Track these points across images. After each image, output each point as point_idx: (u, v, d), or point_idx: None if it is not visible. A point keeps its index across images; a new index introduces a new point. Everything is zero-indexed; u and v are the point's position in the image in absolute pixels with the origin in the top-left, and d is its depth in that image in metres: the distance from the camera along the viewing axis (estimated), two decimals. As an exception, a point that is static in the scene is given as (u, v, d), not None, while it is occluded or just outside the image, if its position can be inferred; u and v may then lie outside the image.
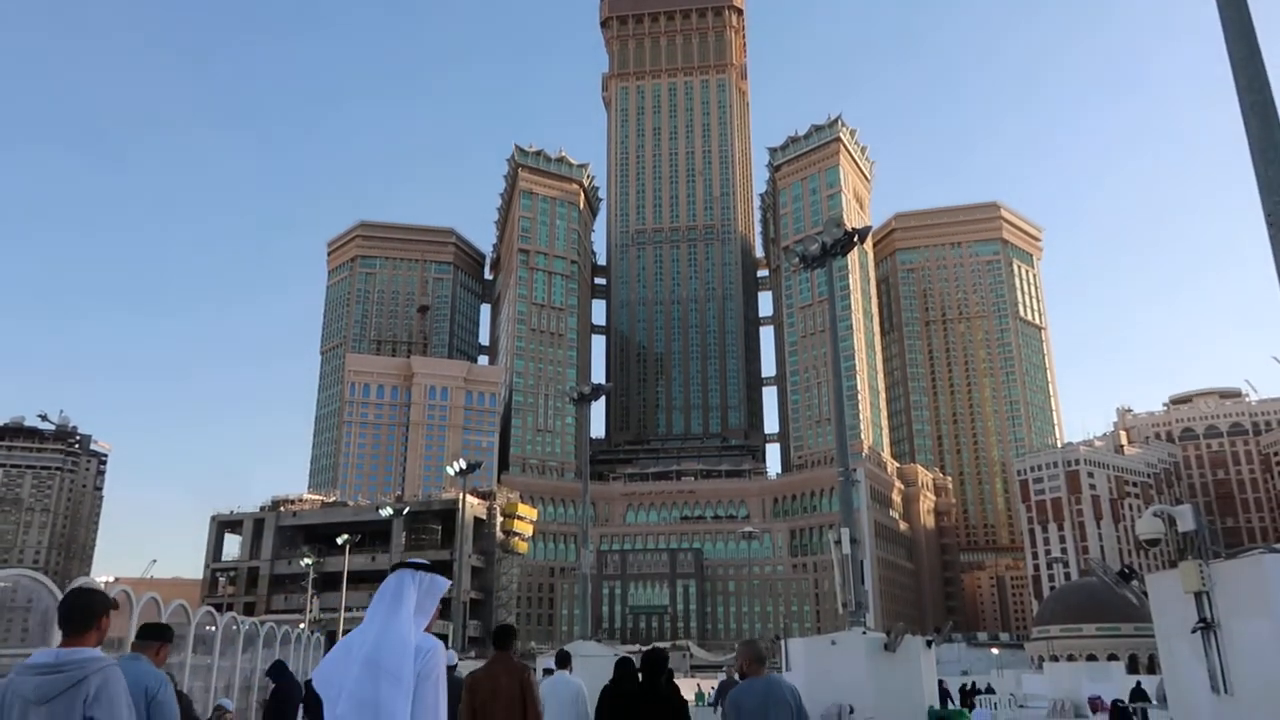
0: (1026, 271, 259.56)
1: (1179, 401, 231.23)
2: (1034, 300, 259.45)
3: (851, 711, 19.80)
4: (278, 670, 12.40)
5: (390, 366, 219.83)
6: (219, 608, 20.62)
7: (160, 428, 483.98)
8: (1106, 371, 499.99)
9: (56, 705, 4.08)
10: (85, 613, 4.41)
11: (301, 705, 13.82)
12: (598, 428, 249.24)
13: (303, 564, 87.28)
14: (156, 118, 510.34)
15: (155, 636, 6.52)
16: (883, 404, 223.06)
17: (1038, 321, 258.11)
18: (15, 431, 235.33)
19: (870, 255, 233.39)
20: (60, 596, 10.23)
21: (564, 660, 10.77)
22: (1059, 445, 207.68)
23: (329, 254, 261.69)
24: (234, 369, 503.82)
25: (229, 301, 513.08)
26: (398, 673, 4.12)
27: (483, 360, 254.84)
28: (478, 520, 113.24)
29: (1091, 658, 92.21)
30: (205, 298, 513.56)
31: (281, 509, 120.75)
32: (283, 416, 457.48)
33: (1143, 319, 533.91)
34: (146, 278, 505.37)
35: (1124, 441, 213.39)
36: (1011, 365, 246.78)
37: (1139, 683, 35.42)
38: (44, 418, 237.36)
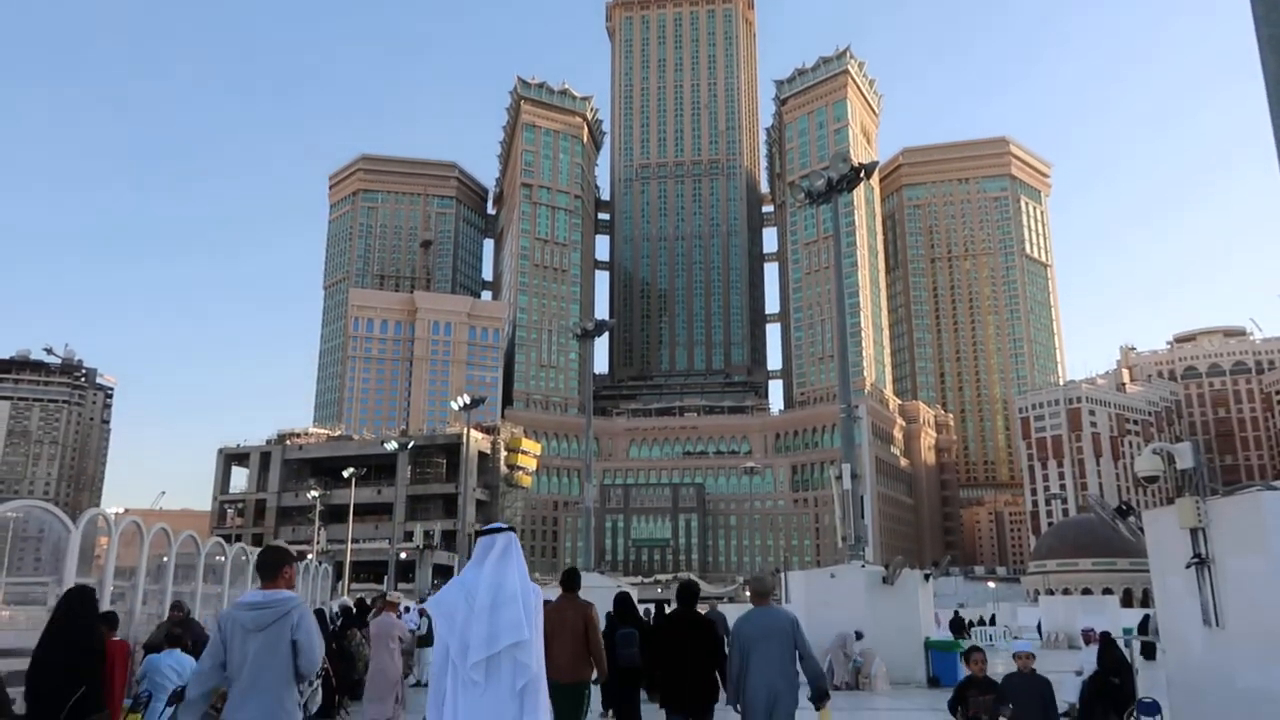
0: (1034, 208, 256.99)
1: (1183, 340, 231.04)
2: (1040, 238, 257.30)
3: (859, 637, 20.27)
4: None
5: (393, 301, 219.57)
6: (228, 539, 20.93)
7: (165, 362, 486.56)
8: (1112, 310, 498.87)
9: (270, 632, 5.44)
10: (274, 564, 5.83)
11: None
12: (601, 364, 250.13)
13: (309, 496, 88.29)
14: (156, 55, 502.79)
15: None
16: (886, 341, 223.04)
17: (1044, 259, 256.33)
18: (22, 365, 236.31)
19: (876, 191, 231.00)
20: (70, 527, 10.44)
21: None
22: (1061, 383, 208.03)
23: (330, 188, 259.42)
24: (237, 303, 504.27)
25: (231, 236, 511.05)
26: (533, 608, 5.35)
27: (486, 296, 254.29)
28: (482, 455, 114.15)
29: (1087, 592, 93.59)
30: (206, 232, 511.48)
31: (287, 442, 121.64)
32: (287, 351, 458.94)
33: (1150, 257, 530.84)
34: (147, 212, 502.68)
35: (1126, 379, 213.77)
36: (1016, 303, 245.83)
37: (1147, 616, 35.73)
38: (49, 351, 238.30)
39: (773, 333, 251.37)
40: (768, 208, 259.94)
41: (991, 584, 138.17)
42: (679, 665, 7.95)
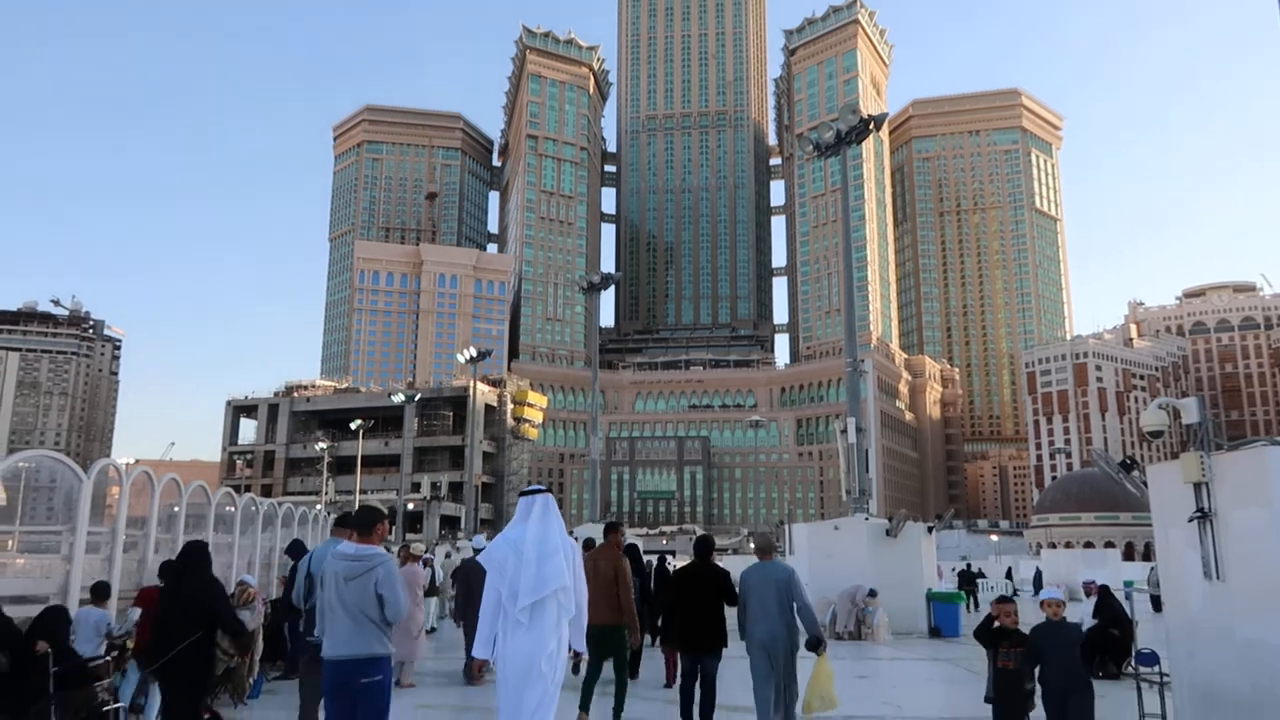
0: (1045, 161, 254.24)
1: (1192, 295, 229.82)
2: (1051, 191, 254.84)
3: (873, 595, 20.41)
4: (296, 549, 12.78)
5: (399, 254, 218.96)
6: (237, 489, 21.13)
7: (172, 315, 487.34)
8: (1122, 265, 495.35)
9: (357, 582, 6.13)
10: (369, 522, 6.48)
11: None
12: (607, 317, 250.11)
13: (317, 448, 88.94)
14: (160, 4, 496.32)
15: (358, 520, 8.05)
16: (893, 295, 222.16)
17: (1053, 213, 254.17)
18: (30, 316, 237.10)
19: (886, 143, 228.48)
20: (82, 477, 10.55)
21: (591, 544, 11.76)
22: (1068, 338, 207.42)
23: (335, 139, 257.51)
24: (242, 256, 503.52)
25: (236, 187, 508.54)
26: (572, 558, 6.41)
27: (492, 249, 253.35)
28: (489, 407, 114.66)
29: (1089, 545, 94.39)
30: (210, 184, 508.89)
31: (295, 394, 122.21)
32: (293, 304, 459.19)
33: (1162, 212, 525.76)
34: (154, 164, 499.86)
35: (1134, 335, 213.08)
36: (1025, 257, 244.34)
37: (1153, 568, 35.97)
38: (57, 303, 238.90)
39: (779, 286, 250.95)
40: (775, 160, 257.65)
41: (994, 537, 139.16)
42: (694, 612, 8.84)
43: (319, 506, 28.14)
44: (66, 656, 8.19)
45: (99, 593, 9.90)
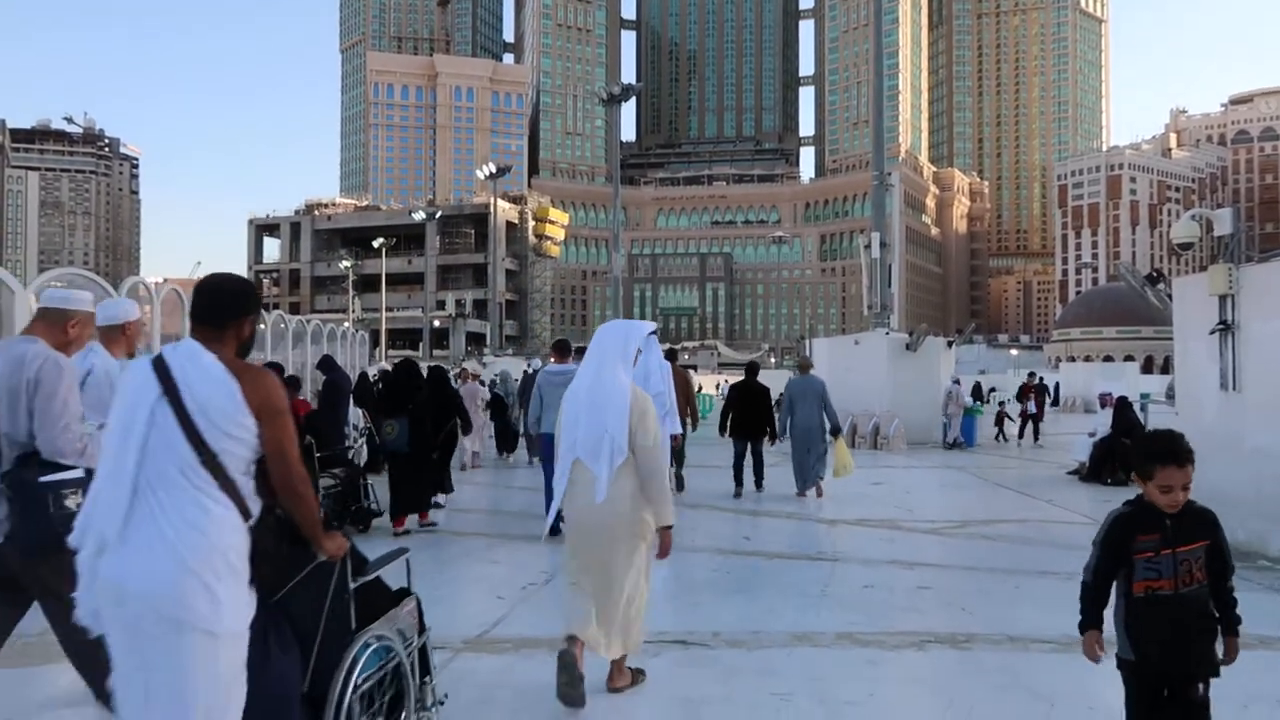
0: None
1: (1239, 101, 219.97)
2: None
3: (957, 382, 22.40)
4: (327, 364, 13.10)
5: (413, 65, 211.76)
6: (265, 307, 21.40)
7: (190, 134, 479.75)
8: (1169, 71, 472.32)
9: (560, 389, 8.02)
10: (567, 348, 9.88)
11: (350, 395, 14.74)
12: (628, 131, 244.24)
13: (341, 266, 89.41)
14: None
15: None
16: (924, 105, 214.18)
17: (1099, 13, 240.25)
18: (44, 134, 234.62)
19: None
20: (114, 295, 10.73)
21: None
22: (1104, 149, 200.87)
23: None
24: (255, 71, 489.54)
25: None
26: (667, 375, 9.31)
27: (508, 59, 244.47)
28: (510, 224, 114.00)
29: (1108, 359, 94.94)
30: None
31: (316, 213, 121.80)
32: (309, 119, 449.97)
33: (1216, 12, 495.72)
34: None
35: (1173, 145, 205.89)
36: (1065, 63, 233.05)
37: (1170, 381, 36.19)
38: (70, 120, 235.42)
39: (806, 97, 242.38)
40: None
41: (1014, 351, 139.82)
42: (747, 412, 12.71)
43: (346, 324, 28.64)
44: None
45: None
